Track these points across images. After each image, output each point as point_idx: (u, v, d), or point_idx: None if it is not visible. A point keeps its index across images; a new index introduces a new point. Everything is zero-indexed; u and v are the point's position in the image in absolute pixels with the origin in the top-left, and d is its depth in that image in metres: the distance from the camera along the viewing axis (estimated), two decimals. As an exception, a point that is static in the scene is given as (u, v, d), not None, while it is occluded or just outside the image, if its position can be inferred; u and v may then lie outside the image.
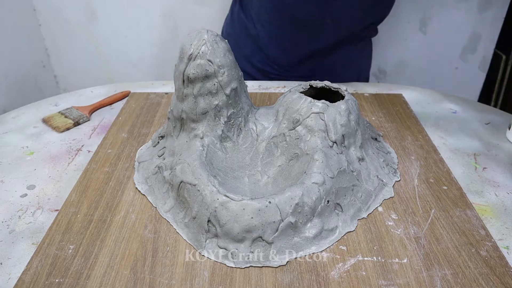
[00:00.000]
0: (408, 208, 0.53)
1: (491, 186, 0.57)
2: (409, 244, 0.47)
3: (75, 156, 0.64)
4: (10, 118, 0.74)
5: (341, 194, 0.50)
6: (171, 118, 0.57)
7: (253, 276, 0.43)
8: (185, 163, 0.50)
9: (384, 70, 1.46)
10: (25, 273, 0.43)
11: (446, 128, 0.72)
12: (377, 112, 0.75)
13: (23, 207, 0.53)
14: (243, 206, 0.44)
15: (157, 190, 0.54)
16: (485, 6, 1.30)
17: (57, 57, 1.44)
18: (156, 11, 1.35)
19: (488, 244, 0.47)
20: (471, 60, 1.40)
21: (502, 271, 0.44)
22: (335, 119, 0.53)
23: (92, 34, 1.40)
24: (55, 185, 0.57)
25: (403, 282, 0.43)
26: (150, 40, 1.41)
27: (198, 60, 0.51)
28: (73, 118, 0.72)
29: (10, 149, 0.65)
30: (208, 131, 0.54)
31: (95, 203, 0.53)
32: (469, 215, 0.51)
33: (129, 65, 1.46)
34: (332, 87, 0.59)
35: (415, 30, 1.36)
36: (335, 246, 0.47)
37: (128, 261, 0.45)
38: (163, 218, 0.51)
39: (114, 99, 0.79)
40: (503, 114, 0.77)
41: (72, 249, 0.46)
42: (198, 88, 0.52)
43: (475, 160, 0.63)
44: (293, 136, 0.55)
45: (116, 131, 0.69)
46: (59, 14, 1.35)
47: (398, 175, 0.58)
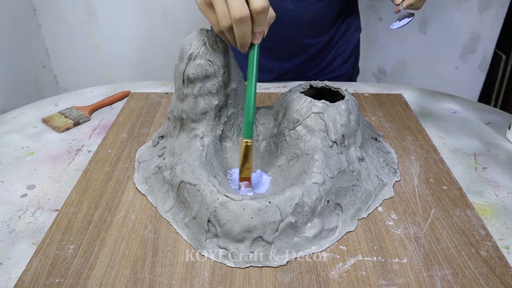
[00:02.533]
0: (408, 208, 0.53)
1: (491, 186, 0.57)
2: (409, 244, 0.47)
3: (75, 156, 0.64)
4: (10, 118, 0.74)
5: (341, 194, 0.50)
6: (171, 118, 0.57)
7: (253, 276, 0.43)
8: (185, 163, 0.50)
9: (384, 70, 1.46)
10: (25, 273, 0.43)
11: (446, 128, 0.72)
12: (377, 112, 0.75)
13: (23, 207, 0.53)
14: (243, 206, 0.44)
15: (157, 190, 0.54)
16: (485, 6, 1.30)
17: (57, 57, 1.44)
18: (156, 11, 1.35)
19: (488, 244, 0.47)
20: (471, 60, 1.40)
21: (502, 271, 0.44)
22: (335, 119, 0.53)
23: (92, 34, 1.40)
24: (55, 185, 0.57)
25: (403, 282, 0.43)
26: (150, 40, 1.41)
27: (198, 60, 0.51)
28: (73, 118, 0.72)
29: (10, 149, 0.65)
30: (208, 131, 0.54)
31: (95, 203, 0.53)
32: (469, 215, 0.51)
33: (129, 65, 1.46)
34: (332, 87, 0.59)
35: (415, 30, 1.36)
36: (335, 246, 0.47)
37: (128, 261, 0.45)
38: (163, 218, 0.51)
39: (114, 99, 0.79)
40: (503, 114, 0.77)
41: (72, 249, 0.46)
42: (198, 88, 0.52)
43: (475, 160, 0.63)
44: (293, 136, 0.55)
45: (116, 131, 0.69)
46: (59, 14, 1.35)
47: (398, 175, 0.58)
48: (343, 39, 0.89)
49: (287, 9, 0.79)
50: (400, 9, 0.62)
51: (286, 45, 0.86)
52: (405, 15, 0.63)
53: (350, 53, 0.92)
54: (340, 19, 0.87)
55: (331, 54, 0.90)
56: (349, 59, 0.92)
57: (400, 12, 0.63)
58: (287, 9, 0.80)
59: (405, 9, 0.62)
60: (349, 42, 0.91)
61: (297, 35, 0.84)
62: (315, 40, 0.86)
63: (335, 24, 0.86)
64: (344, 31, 0.89)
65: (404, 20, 0.63)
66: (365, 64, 1.43)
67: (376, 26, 1.36)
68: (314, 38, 0.85)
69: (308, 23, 0.82)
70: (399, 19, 0.63)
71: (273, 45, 0.86)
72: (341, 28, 0.88)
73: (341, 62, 0.91)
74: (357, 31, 0.92)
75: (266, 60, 0.89)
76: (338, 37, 0.89)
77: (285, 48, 0.87)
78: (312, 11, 0.81)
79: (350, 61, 0.93)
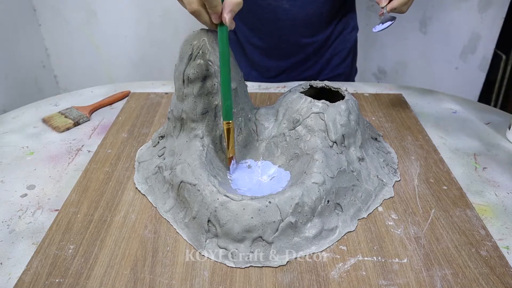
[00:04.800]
0: (408, 208, 0.53)
1: (491, 186, 0.57)
2: (409, 244, 0.47)
3: (75, 156, 0.64)
4: (10, 118, 0.74)
5: (341, 194, 0.50)
6: (171, 118, 0.57)
7: (253, 276, 0.43)
8: (185, 163, 0.50)
9: (384, 70, 1.46)
10: (25, 273, 0.43)
11: (446, 128, 0.72)
12: (377, 112, 0.75)
13: (23, 207, 0.53)
14: (243, 206, 0.44)
15: (157, 190, 0.54)
16: (485, 6, 1.30)
17: (57, 57, 1.44)
18: (156, 11, 1.35)
19: (488, 244, 0.47)
20: (471, 60, 1.40)
21: (502, 271, 0.44)
22: (335, 119, 0.53)
23: (92, 34, 1.40)
24: (55, 185, 0.57)
25: (403, 282, 0.43)
26: (150, 40, 1.41)
27: (198, 60, 0.51)
28: (73, 118, 0.72)
29: (10, 149, 0.65)
30: (208, 131, 0.54)
31: (95, 203, 0.53)
32: (469, 215, 0.51)
33: (129, 65, 1.46)
34: (332, 87, 0.59)
35: (415, 30, 1.36)
36: (335, 246, 0.47)
37: (128, 261, 0.45)
38: (163, 218, 0.51)
39: (114, 99, 0.79)
40: (503, 114, 0.77)
41: (72, 249, 0.46)
42: (198, 88, 0.52)
43: (475, 160, 0.63)
44: (293, 136, 0.55)
45: (116, 131, 0.68)
46: (59, 14, 1.35)
47: (398, 175, 0.58)
48: (340, 38, 0.89)
49: (283, 8, 0.80)
50: (384, 12, 0.63)
51: (283, 44, 0.86)
52: (388, 19, 0.64)
53: (348, 52, 0.92)
54: (337, 18, 0.87)
55: (329, 53, 0.89)
56: (347, 59, 0.92)
57: (384, 15, 0.63)
58: (283, 9, 0.80)
59: (388, 12, 0.62)
60: (347, 41, 0.91)
61: (294, 34, 0.84)
62: (311, 39, 0.86)
63: (332, 23, 0.86)
64: (341, 30, 0.89)
65: (386, 23, 0.64)
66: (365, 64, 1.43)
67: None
68: (311, 37, 0.85)
69: (304, 22, 0.83)
70: (381, 22, 0.64)
71: (270, 44, 0.86)
72: (337, 27, 0.88)
73: (338, 61, 0.91)
74: (354, 30, 0.92)
75: (263, 59, 0.89)
76: (335, 36, 0.88)
77: (282, 47, 0.87)
78: (307, 10, 0.81)
79: (348, 61, 0.93)
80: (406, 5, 0.62)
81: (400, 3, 0.61)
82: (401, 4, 0.61)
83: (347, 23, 0.90)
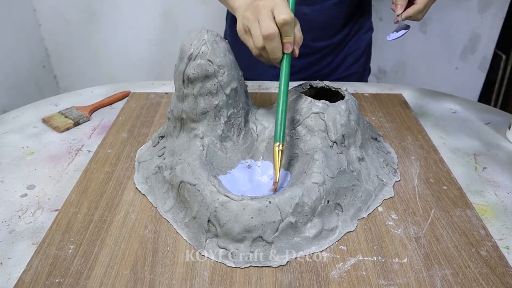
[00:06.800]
0: (408, 208, 0.53)
1: (491, 186, 0.57)
2: (409, 244, 0.47)
3: (75, 156, 0.64)
4: (10, 118, 0.74)
5: (341, 194, 0.50)
6: (171, 118, 0.57)
7: (253, 276, 0.43)
8: (185, 163, 0.50)
9: (384, 70, 1.46)
10: (25, 273, 0.43)
11: (446, 128, 0.72)
12: (377, 112, 0.75)
13: (23, 207, 0.53)
14: (243, 206, 0.44)
15: (157, 190, 0.54)
16: (485, 6, 1.30)
17: (57, 57, 1.44)
18: (156, 11, 1.35)
19: (488, 244, 0.47)
20: (471, 60, 1.40)
21: (502, 271, 0.44)
22: (335, 119, 0.53)
23: (92, 34, 1.40)
24: (55, 185, 0.57)
25: (403, 282, 0.43)
26: (150, 40, 1.41)
27: (198, 60, 0.51)
28: (73, 118, 0.72)
29: (10, 149, 0.65)
30: (208, 131, 0.54)
31: (95, 203, 0.53)
32: (469, 215, 0.51)
33: (129, 65, 1.46)
34: (332, 87, 0.59)
35: (415, 30, 1.36)
36: (335, 246, 0.47)
37: (128, 261, 0.45)
38: (163, 218, 0.51)
39: (114, 99, 0.79)
40: (503, 114, 0.77)
41: (72, 249, 0.46)
42: (198, 88, 0.52)
43: (475, 160, 0.63)
44: (293, 136, 0.55)
45: (116, 131, 0.69)
46: (59, 14, 1.35)
47: (398, 175, 0.58)
48: (355, 38, 0.90)
49: (302, 12, 0.80)
50: (399, 19, 0.62)
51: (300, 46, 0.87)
52: (402, 27, 0.63)
53: (362, 52, 0.92)
54: (353, 20, 0.88)
55: (343, 53, 0.90)
56: (361, 58, 0.93)
57: (399, 24, 0.63)
58: (302, 13, 0.80)
59: (403, 20, 0.61)
60: (361, 41, 0.91)
61: (310, 37, 0.84)
62: (327, 42, 0.87)
63: (348, 25, 0.87)
64: (356, 30, 0.90)
65: (400, 32, 0.63)
66: (365, 64, 1.43)
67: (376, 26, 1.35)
68: (327, 39, 0.86)
69: (322, 26, 0.83)
70: (396, 30, 0.63)
71: None
72: (353, 28, 0.89)
73: (352, 61, 0.92)
74: (369, 30, 0.93)
75: None
76: (350, 37, 0.89)
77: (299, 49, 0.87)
78: (326, 15, 0.82)
79: (362, 60, 0.94)
80: (422, 13, 0.62)
81: (416, 11, 0.60)
82: (416, 12, 0.61)
83: (362, 23, 0.91)
